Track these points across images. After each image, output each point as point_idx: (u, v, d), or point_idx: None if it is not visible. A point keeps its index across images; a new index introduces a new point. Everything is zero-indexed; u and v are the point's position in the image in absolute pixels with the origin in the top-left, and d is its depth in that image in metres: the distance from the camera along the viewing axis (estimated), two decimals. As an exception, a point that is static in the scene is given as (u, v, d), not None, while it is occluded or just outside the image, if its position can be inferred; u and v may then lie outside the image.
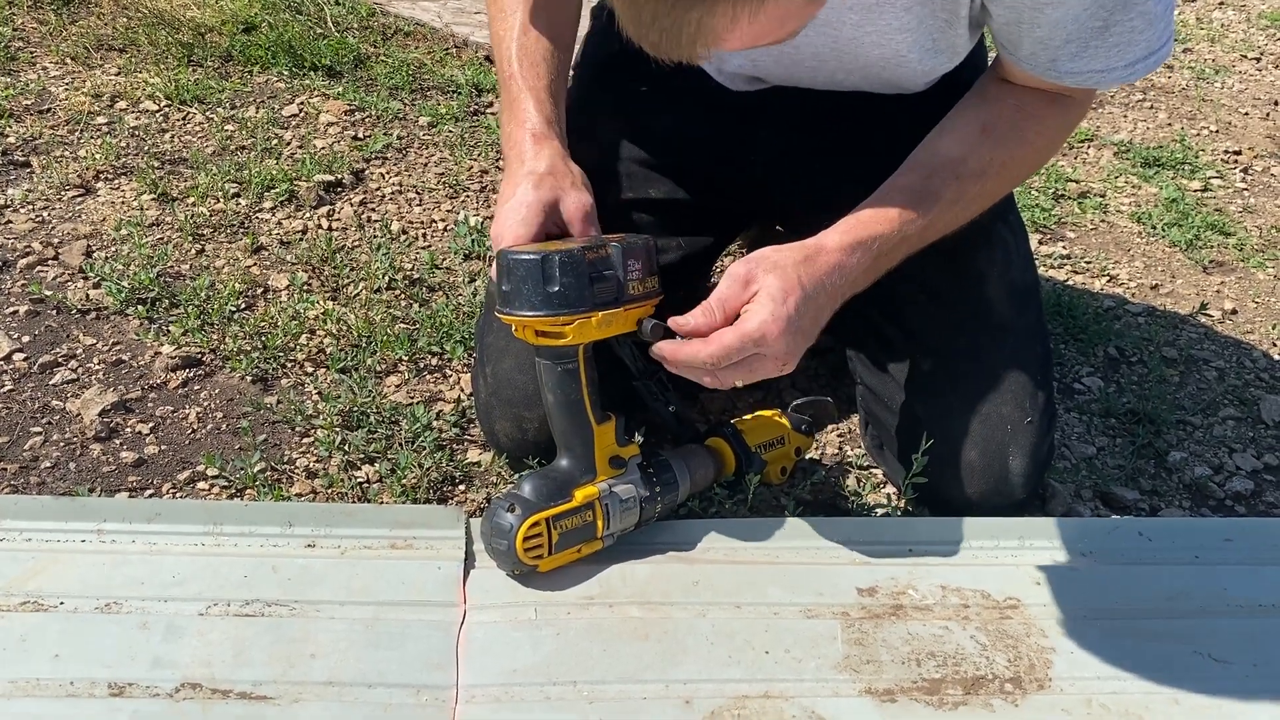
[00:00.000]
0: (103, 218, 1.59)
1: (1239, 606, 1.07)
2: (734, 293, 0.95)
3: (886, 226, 1.01)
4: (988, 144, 1.06)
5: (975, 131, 1.06)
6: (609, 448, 1.02)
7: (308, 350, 1.35)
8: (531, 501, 0.98)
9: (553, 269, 0.94)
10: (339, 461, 1.19)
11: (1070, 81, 1.02)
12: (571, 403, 1.00)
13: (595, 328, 0.97)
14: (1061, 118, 1.09)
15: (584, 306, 0.95)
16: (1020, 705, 0.94)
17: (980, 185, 1.06)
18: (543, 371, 1.00)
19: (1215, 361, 1.55)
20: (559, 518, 0.99)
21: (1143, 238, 1.88)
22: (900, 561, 1.08)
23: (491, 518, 0.99)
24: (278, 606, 0.96)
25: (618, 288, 0.98)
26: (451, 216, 1.70)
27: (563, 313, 0.95)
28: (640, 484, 1.03)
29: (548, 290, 0.95)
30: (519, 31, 1.12)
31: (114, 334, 1.36)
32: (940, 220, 1.04)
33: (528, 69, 1.11)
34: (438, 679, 0.91)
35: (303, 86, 2.03)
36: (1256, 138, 2.32)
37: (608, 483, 1.02)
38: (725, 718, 0.91)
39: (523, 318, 0.96)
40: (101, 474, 1.16)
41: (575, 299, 0.95)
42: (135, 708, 0.86)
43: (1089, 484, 1.29)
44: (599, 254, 0.97)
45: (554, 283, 0.94)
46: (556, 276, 0.94)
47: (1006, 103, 1.07)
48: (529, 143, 1.07)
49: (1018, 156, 1.08)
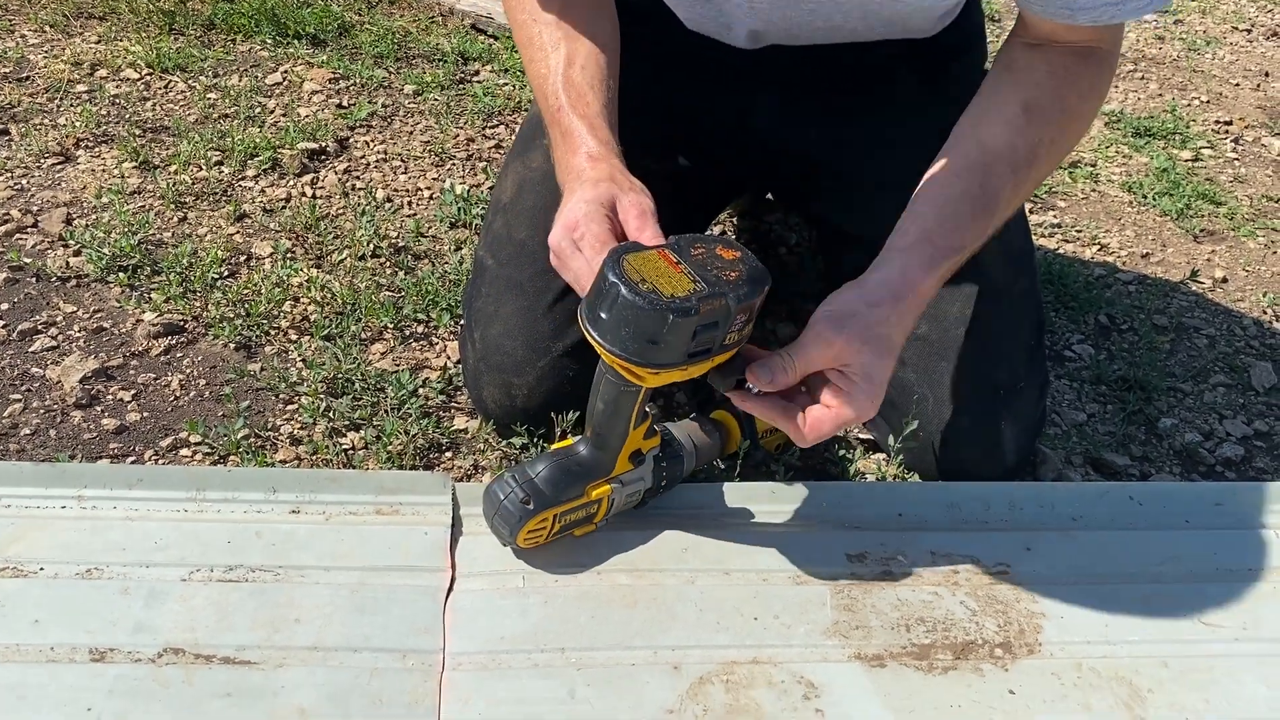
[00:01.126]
0: (83, 185, 1.56)
1: (1228, 571, 1.06)
2: (817, 354, 0.90)
3: (960, 251, 0.97)
4: (1033, 123, 0.99)
5: (1017, 113, 1.00)
6: (635, 444, 0.98)
7: (291, 317, 1.34)
8: (546, 495, 0.95)
9: (659, 328, 0.83)
10: (324, 428, 1.18)
11: (1085, 19, 0.97)
12: (620, 414, 0.95)
13: (674, 376, 0.89)
14: (1096, 76, 1.03)
15: (676, 364, 0.86)
16: (1010, 669, 0.94)
17: (1033, 171, 1.00)
18: (603, 384, 0.93)
19: (1206, 329, 1.55)
20: (566, 512, 0.97)
21: (1133, 207, 1.87)
22: (889, 527, 1.07)
23: (501, 498, 0.95)
24: (261, 572, 0.95)
25: (715, 343, 0.87)
26: (437, 185, 1.68)
27: (654, 367, 0.86)
28: (650, 477, 1.02)
29: (647, 344, 0.84)
30: (563, 66, 1.05)
31: (95, 301, 1.34)
32: (1001, 219, 1.00)
33: (575, 100, 1.03)
34: (424, 644, 0.90)
35: (286, 55, 2.00)
36: (1247, 108, 2.31)
37: (621, 478, 0.99)
38: (714, 683, 0.90)
39: (608, 351, 0.86)
40: (82, 441, 1.15)
41: (669, 358, 0.85)
42: (118, 673, 0.85)
43: (1080, 450, 1.29)
44: (714, 306, 0.84)
45: (659, 340, 0.83)
46: (662, 335, 0.83)
47: (1038, 70, 1.01)
48: (585, 163, 1.00)
49: (1065, 131, 1.02)
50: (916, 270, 0.95)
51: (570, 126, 1.02)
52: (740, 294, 0.86)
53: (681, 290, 0.84)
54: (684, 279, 0.85)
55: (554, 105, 1.04)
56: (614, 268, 0.84)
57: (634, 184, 0.98)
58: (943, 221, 0.98)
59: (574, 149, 1.01)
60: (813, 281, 1.49)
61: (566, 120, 1.03)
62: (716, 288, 0.85)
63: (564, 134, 1.03)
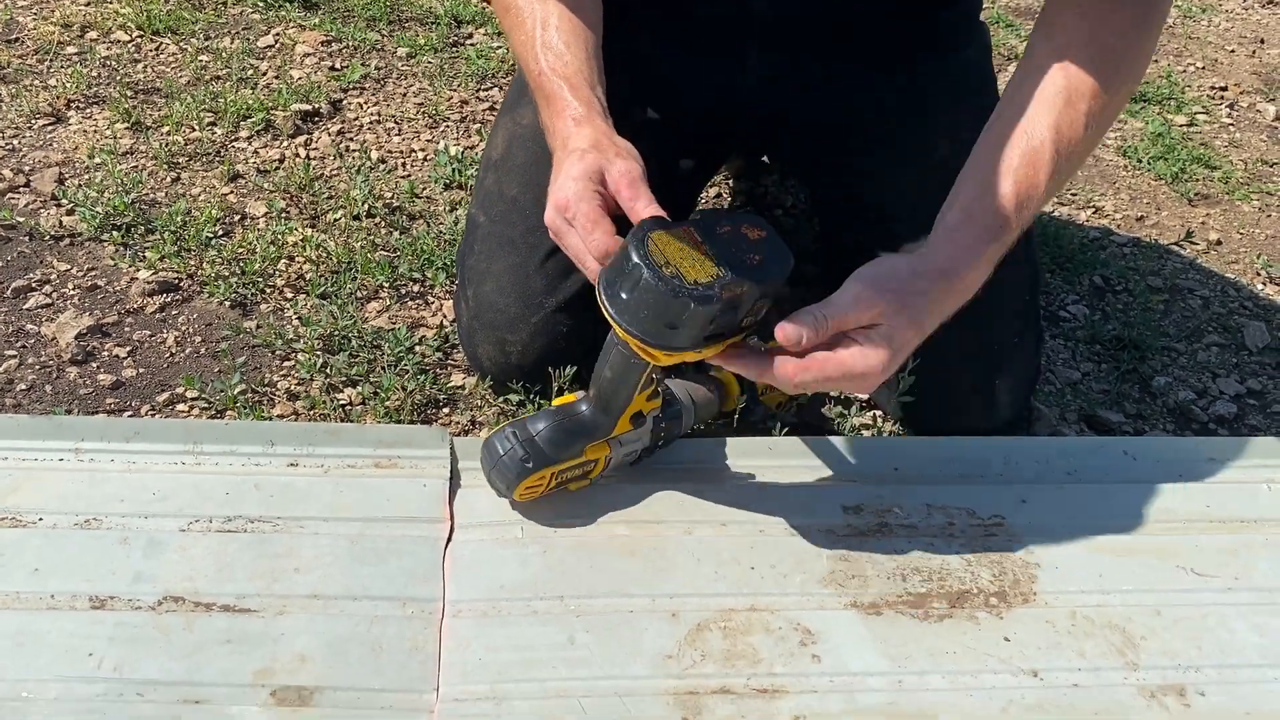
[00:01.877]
0: (75, 146, 1.55)
1: (1220, 522, 1.07)
2: (853, 315, 0.86)
3: (1008, 232, 0.93)
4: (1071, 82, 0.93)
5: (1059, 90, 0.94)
6: (636, 407, 0.98)
7: (287, 276, 1.33)
8: (546, 454, 0.95)
9: (680, 314, 0.82)
10: (321, 384, 1.18)
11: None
12: (627, 382, 0.94)
13: (687, 356, 0.88)
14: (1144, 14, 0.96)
15: (692, 348, 0.85)
16: (1005, 618, 0.95)
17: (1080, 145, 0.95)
18: (613, 354, 0.92)
19: (1200, 290, 1.55)
20: (564, 470, 0.97)
21: (1129, 171, 1.88)
22: (886, 480, 1.08)
23: (500, 454, 0.95)
24: (260, 523, 0.95)
25: (731, 326, 0.86)
26: (431, 146, 1.67)
27: (672, 350, 0.85)
28: (648, 437, 1.02)
29: (666, 329, 0.83)
30: (540, 29, 1.04)
31: (88, 260, 1.34)
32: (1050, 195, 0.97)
33: (554, 61, 1.02)
34: (424, 592, 0.91)
35: (278, 18, 1.98)
36: (1243, 74, 2.31)
37: (620, 439, 0.99)
38: (712, 630, 0.90)
39: (628, 333, 0.84)
40: (79, 396, 1.14)
41: (687, 342, 0.84)
42: (118, 619, 0.85)
43: (1074, 407, 1.29)
44: (734, 293, 0.83)
45: (677, 325, 0.82)
46: (682, 320, 0.82)
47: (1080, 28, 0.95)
48: (571, 127, 0.98)
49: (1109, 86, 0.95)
50: (966, 255, 0.91)
51: (552, 90, 1.01)
52: (763, 279, 0.85)
53: (705, 276, 0.82)
54: (708, 263, 0.83)
55: (535, 70, 1.03)
56: (639, 248, 0.82)
57: (620, 148, 0.96)
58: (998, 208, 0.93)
59: (558, 112, 1.00)
60: (808, 244, 1.49)
61: (548, 84, 1.01)
62: (740, 273, 0.84)
63: (547, 99, 1.02)
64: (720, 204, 1.64)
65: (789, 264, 0.88)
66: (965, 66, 1.24)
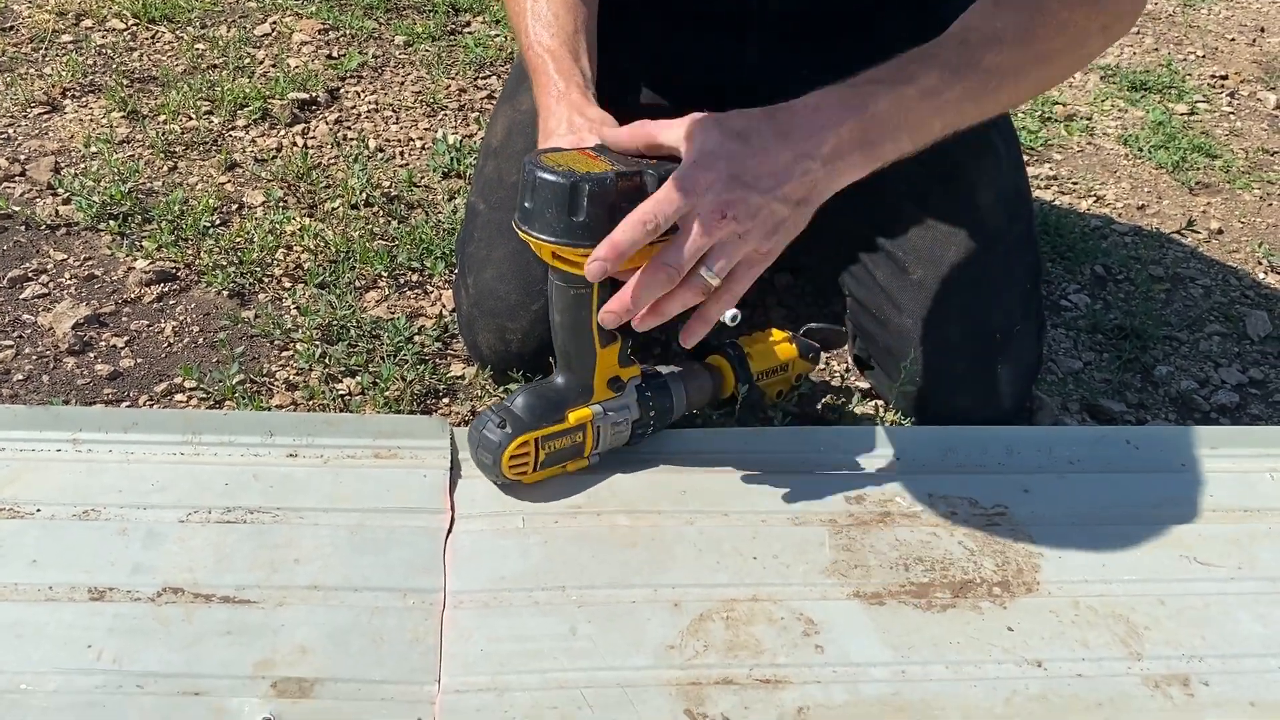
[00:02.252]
0: (71, 135, 1.54)
1: (1223, 512, 1.07)
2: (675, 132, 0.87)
3: (874, 81, 0.89)
4: (1001, 12, 0.92)
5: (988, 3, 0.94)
6: (610, 369, 0.99)
7: (285, 265, 1.32)
8: (523, 420, 0.96)
9: (580, 198, 0.86)
10: (319, 374, 1.17)
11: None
12: (579, 326, 0.96)
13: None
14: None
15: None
16: (1008, 607, 0.94)
17: (994, 54, 0.91)
18: (554, 292, 0.95)
19: (1201, 279, 1.55)
20: (548, 438, 0.97)
21: (1129, 159, 1.87)
22: (887, 470, 1.07)
23: (480, 429, 0.97)
24: (260, 514, 0.95)
25: None
26: (429, 135, 1.66)
27: (584, 244, 0.88)
28: (635, 407, 1.02)
29: (571, 219, 0.87)
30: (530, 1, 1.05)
31: (85, 249, 1.33)
32: (945, 88, 0.91)
33: (542, 31, 1.03)
34: (424, 583, 0.90)
35: (275, 5, 1.97)
36: (1243, 63, 2.30)
37: (603, 405, 0.99)
38: (714, 620, 0.90)
39: (541, 240, 0.89)
40: (76, 386, 1.14)
41: (599, 231, 0.86)
42: (117, 610, 0.84)
43: (1076, 397, 1.29)
44: (632, 182, 0.88)
45: (579, 212, 0.86)
46: (583, 206, 0.86)
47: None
48: (550, 104, 1.00)
49: (1043, 26, 0.92)
50: (804, 96, 0.89)
51: (537, 64, 1.03)
52: (660, 172, 0.88)
53: (599, 169, 0.88)
54: (602, 163, 0.89)
55: (524, 43, 1.06)
56: (532, 160, 0.89)
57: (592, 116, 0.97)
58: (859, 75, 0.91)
59: (542, 87, 1.02)
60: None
61: (534, 58, 1.04)
62: (633, 167, 0.89)
63: (533, 71, 1.04)
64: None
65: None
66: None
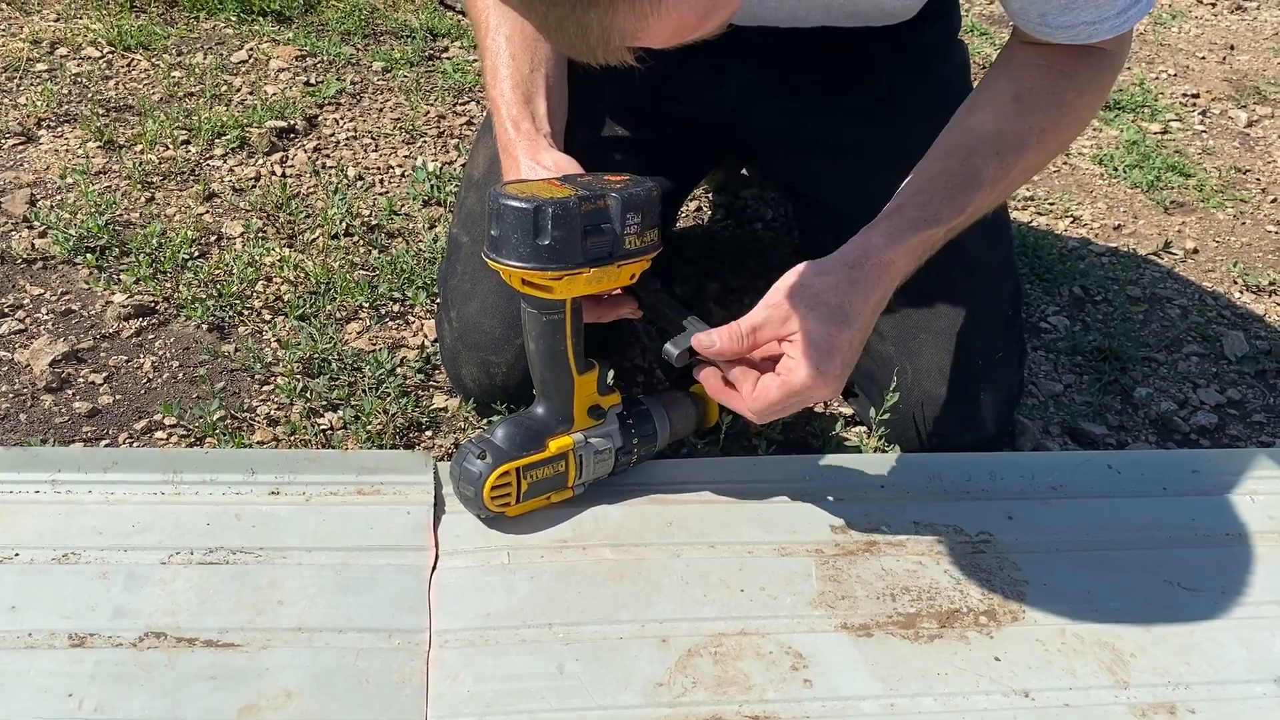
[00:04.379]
0: (46, 166, 1.53)
1: (1206, 536, 1.07)
2: (771, 325, 0.92)
3: (933, 223, 0.95)
4: (1024, 112, 0.99)
5: (1008, 100, 1.00)
6: (589, 397, 0.99)
7: (265, 297, 1.32)
8: (503, 450, 0.96)
9: (545, 220, 0.87)
10: (301, 409, 1.16)
11: (1063, 37, 0.97)
12: (554, 353, 0.96)
13: (585, 284, 0.92)
14: (1095, 71, 1.01)
15: (575, 263, 0.90)
16: (995, 637, 0.94)
17: (1023, 158, 0.99)
18: (527, 319, 0.96)
19: (1178, 299, 1.56)
20: (530, 468, 0.97)
21: (1105, 179, 1.89)
22: (872, 498, 1.08)
23: (461, 462, 0.96)
24: (242, 554, 0.94)
25: (613, 242, 0.91)
26: (409, 162, 1.66)
27: (551, 268, 0.89)
28: (617, 435, 1.01)
29: (537, 243, 0.88)
30: (490, 38, 1.06)
31: (62, 283, 1.32)
32: (985, 202, 0.98)
33: (501, 70, 1.05)
34: (410, 623, 0.89)
35: (251, 32, 1.97)
36: (1214, 81, 2.33)
37: (584, 433, 0.99)
38: (702, 655, 0.90)
39: (509, 267, 0.90)
40: (54, 425, 1.12)
41: (566, 254, 0.89)
42: (98, 658, 0.83)
43: (1057, 420, 1.30)
44: (596, 205, 0.90)
45: (544, 235, 0.88)
46: (548, 229, 0.88)
47: (1035, 65, 1.00)
48: (504, 159, 1.03)
49: (1058, 122, 1.01)
50: (877, 239, 0.95)
51: (491, 107, 1.05)
52: (624, 194, 0.91)
53: (561, 194, 0.89)
54: (566, 189, 0.91)
55: (486, 81, 1.07)
56: (496, 190, 0.90)
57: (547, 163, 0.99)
58: (915, 195, 0.97)
59: (497, 138, 1.05)
60: (788, 257, 1.49)
61: (489, 100, 1.06)
62: (597, 190, 0.91)
63: (493, 106, 1.06)
64: (700, 218, 1.64)
65: (650, 184, 0.95)
66: (944, 82, 1.24)
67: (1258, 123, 2.15)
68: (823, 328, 0.90)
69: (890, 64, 1.22)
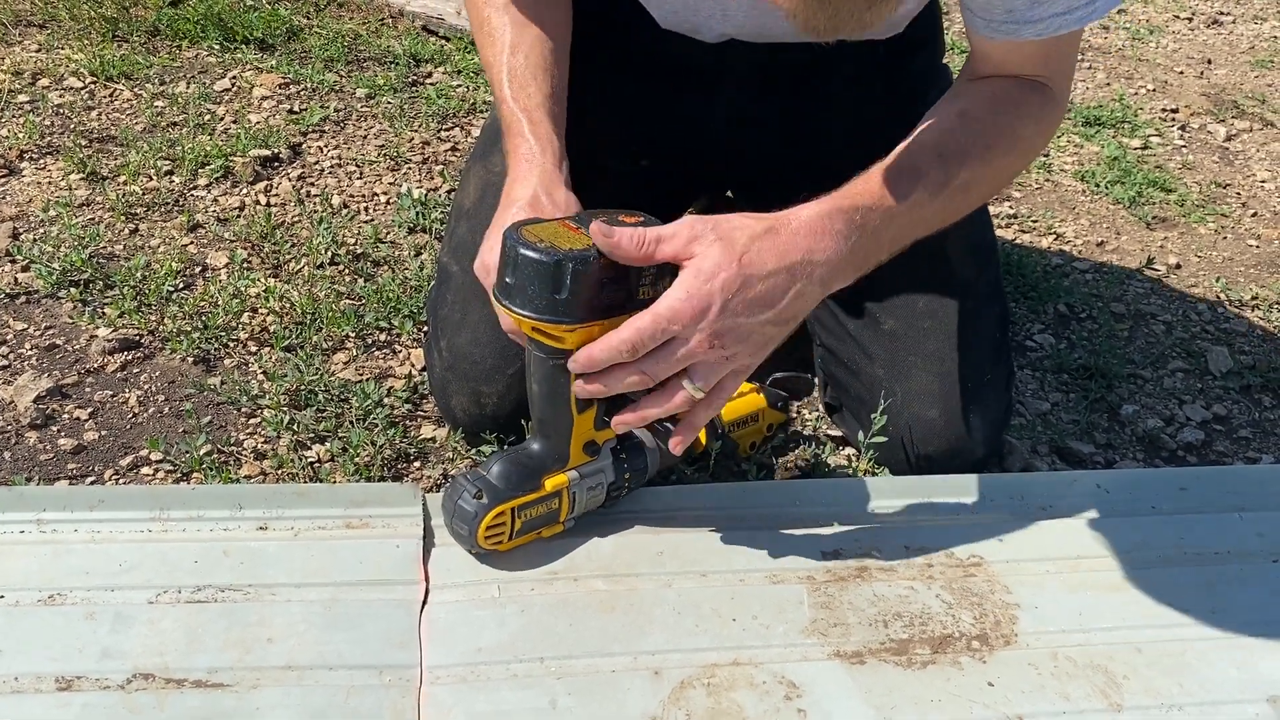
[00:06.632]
0: (29, 199, 1.52)
1: (1196, 554, 1.08)
2: (676, 241, 0.87)
3: (868, 199, 0.94)
4: (967, 128, 1.00)
5: (953, 116, 1.01)
6: (585, 434, 0.98)
7: (250, 329, 1.31)
8: (499, 490, 0.95)
9: (564, 276, 0.86)
10: (288, 441, 1.16)
11: (1030, 33, 0.96)
12: (556, 395, 0.95)
13: (596, 334, 0.90)
14: (1040, 107, 1.02)
15: (590, 317, 0.89)
16: (988, 661, 0.94)
17: (965, 168, 0.98)
18: (533, 362, 0.94)
19: (1162, 315, 1.57)
20: (524, 507, 0.96)
21: (1087, 195, 1.90)
22: (863, 522, 1.07)
23: (455, 499, 0.95)
24: (231, 591, 0.93)
25: (627, 295, 0.90)
26: (394, 189, 1.66)
27: (566, 321, 0.88)
28: (610, 470, 1.01)
29: (555, 296, 0.87)
30: (507, 54, 1.06)
31: (46, 318, 1.31)
32: (926, 204, 0.96)
33: (518, 91, 1.04)
34: (401, 659, 0.89)
35: (234, 60, 1.97)
36: (1192, 96, 2.35)
37: (579, 470, 0.99)
38: (696, 687, 0.89)
39: (522, 316, 0.89)
40: (39, 462, 1.12)
41: (582, 310, 0.88)
42: (85, 701, 0.82)
43: (1045, 439, 1.30)
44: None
45: (563, 290, 0.86)
46: (566, 284, 0.86)
47: (982, 91, 1.02)
48: (521, 168, 1.01)
49: (1000, 143, 1.01)
50: (806, 207, 0.92)
51: (510, 120, 1.04)
52: None
53: (580, 245, 0.87)
54: (583, 238, 0.88)
55: (499, 96, 1.06)
56: (513, 234, 0.88)
57: (559, 200, 0.98)
58: (852, 185, 0.95)
59: (514, 148, 1.03)
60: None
61: (508, 113, 1.05)
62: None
63: (506, 128, 1.05)
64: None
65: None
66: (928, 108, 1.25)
67: (1236, 137, 2.17)
68: (714, 257, 0.86)
69: (877, 93, 1.22)
